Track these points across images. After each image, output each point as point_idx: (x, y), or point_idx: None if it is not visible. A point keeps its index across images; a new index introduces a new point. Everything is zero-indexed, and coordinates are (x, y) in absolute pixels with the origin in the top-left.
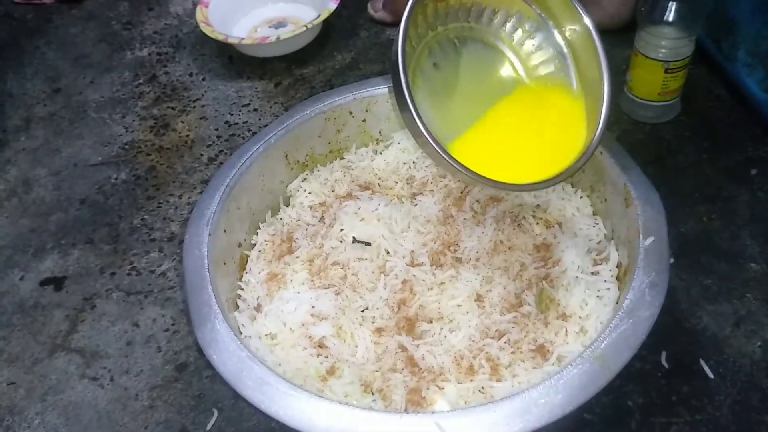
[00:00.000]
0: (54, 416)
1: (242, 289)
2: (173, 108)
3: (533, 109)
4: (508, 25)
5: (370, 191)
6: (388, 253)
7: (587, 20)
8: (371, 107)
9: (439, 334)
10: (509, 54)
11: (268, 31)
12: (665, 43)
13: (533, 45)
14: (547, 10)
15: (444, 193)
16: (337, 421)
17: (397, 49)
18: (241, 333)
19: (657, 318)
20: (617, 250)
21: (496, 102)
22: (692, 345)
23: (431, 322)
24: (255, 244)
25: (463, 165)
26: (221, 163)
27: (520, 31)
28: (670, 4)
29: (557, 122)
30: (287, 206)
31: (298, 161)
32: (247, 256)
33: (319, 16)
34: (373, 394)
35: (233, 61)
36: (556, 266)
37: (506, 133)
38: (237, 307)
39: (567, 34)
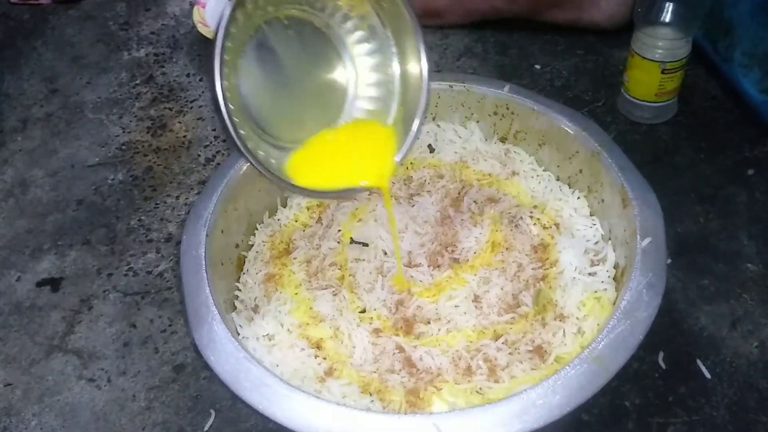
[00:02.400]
0: (51, 417)
1: (240, 290)
2: (170, 109)
3: (355, 137)
4: (355, 33)
5: (367, 192)
6: (385, 253)
7: (425, 63)
8: None
9: (437, 335)
10: (345, 57)
11: None
12: (662, 44)
13: (370, 62)
14: (396, 35)
15: (442, 194)
16: (335, 422)
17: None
18: (238, 334)
19: (654, 318)
20: (614, 250)
21: (322, 112)
22: (689, 345)
23: (429, 323)
24: (252, 245)
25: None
26: (218, 164)
27: (363, 44)
28: (667, 4)
29: (371, 150)
30: (284, 207)
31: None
32: (245, 257)
33: None
34: (371, 395)
35: None
36: (553, 267)
37: (331, 155)
38: (234, 308)
39: (404, 66)
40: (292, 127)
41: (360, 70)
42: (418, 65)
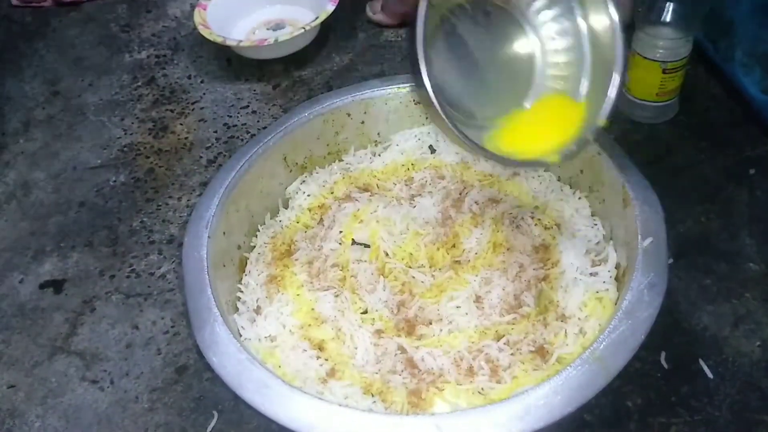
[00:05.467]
0: (54, 419)
1: (242, 292)
2: (172, 110)
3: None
4: (535, 2)
5: (368, 193)
6: (387, 254)
7: (614, 15)
8: (369, 109)
9: (439, 335)
10: (529, 30)
11: (266, 33)
12: (662, 44)
13: (555, 28)
14: None
15: (443, 195)
16: (337, 423)
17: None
18: (240, 335)
19: (656, 318)
20: (616, 250)
21: (513, 87)
22: (691, 345)
23: (430, 323)
24: (254, 247)
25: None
26: (220, 166)
27: (545, 11)
28: (667, 4)
29: (559, 124)
30: (286, 208)
31: (296, 163)
32: (247, 258)
33: (317, 17)
34: (373, 396)
35: (231, 63)
36: (554, 267)
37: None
38: (236, 309)
39: (591, 24)
40: (485, 106)
41: (545, 39)
42: (607, 18)
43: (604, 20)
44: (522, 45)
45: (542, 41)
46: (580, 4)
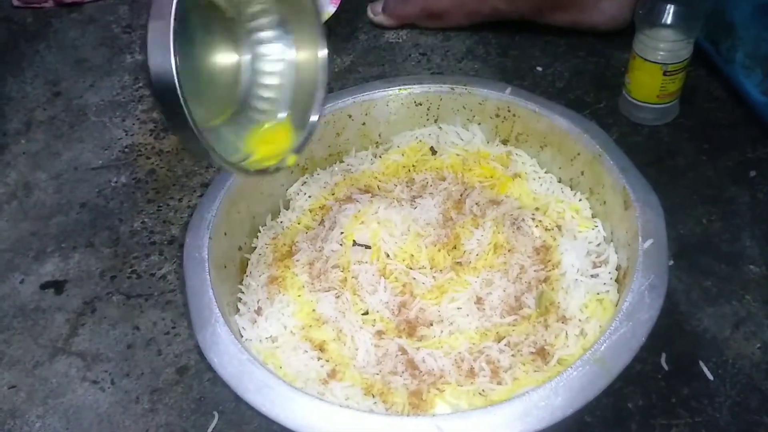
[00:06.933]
0: (55, 420)
1: (243, 293)
2: None
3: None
4: (257, 20)
5: (369, 194)
6: (388, 256)
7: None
8: (370, 110)
9: (440, 336)
10: (243, 42)
11: None
12: (663, 46)
13: (270, 50)
14: (297, 24)
15: (444, 196)
16: (337, 423)
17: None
18: (241, 336)
19: (656, 320)
20: (616, 252)
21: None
22: (692, 347)
23: (431, 325)
24: (255, 248)
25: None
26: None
27: (265, 31)
28: (668, 6)
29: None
30: (287, 210)
31: (297, 164)
32: (248, 259)
33: None
34: (374, 397)
35: None
36: (555, 269)
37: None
38: (237, 310)
39: (301, 57)
40: (202, 108)
41: (257, 57)
42: (315, 56)
43: (311, 58)
44: (231, 58)
45: (253, 59)
46: (296, 35)
